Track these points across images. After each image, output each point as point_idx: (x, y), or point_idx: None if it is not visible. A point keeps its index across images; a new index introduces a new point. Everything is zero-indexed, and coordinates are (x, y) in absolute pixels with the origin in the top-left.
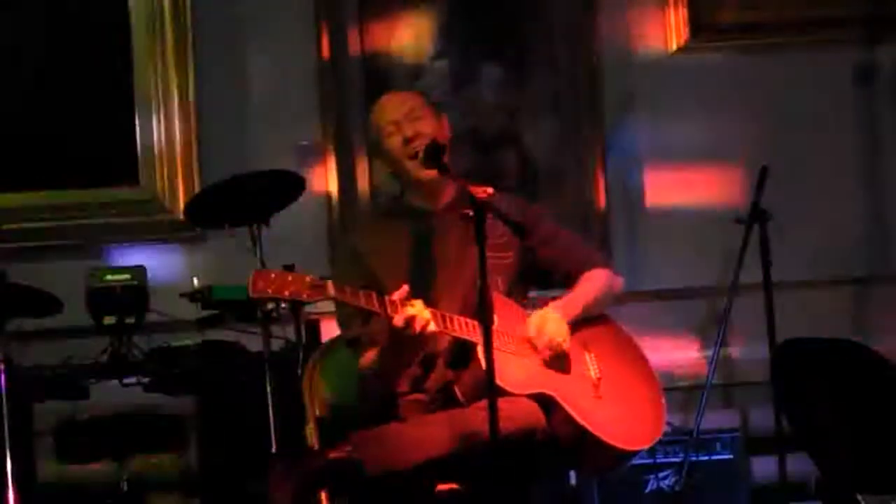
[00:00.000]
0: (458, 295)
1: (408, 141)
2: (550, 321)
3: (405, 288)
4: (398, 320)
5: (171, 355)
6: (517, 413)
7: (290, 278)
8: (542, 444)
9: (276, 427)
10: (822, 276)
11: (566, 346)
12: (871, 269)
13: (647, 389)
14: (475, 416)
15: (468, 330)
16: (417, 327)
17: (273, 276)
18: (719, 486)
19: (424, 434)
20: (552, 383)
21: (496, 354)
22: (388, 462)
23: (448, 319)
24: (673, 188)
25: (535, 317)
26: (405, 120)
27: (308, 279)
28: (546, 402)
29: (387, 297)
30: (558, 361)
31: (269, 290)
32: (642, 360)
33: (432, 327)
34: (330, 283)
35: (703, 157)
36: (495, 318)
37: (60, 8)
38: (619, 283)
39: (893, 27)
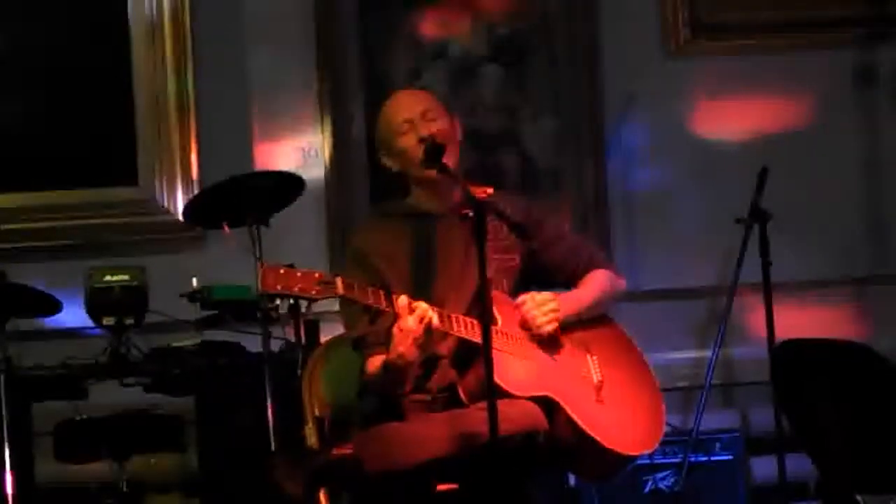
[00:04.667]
0: (463, 296)
1: (422, 140)
2: (540, 297)
3: (403, 298)
4: (404, 316)
5: (171, 355)
6: (518, 414)
7: (298, 274)
8: (543, 446)
9: (276, 427)
10: (822, 276)
11: (545, 329)
12: (871, 269)
13: (647, 394)
14: (476, 417)
15: (471, 330)
16: (422, 323)
17: (282, 271)
18: (719, 486)
19: (425, 433)
20: (554, 386)
21: (499, 355)
22: (389, 461)
23: (452, 319)
24: (673, 188)
25: (529, 294)
26: (420, 119)
27: (317, 275)
28: (548, 405)
29: (394, 295)
30: (561, 364)
31: (279, 286)
32: (643, 364)
33: (435, 321)
34: (339, 280)
35: (703, 157)
36: (498, 318)
37: (60, 8)
38: (622, 283)
39: (893, 27)
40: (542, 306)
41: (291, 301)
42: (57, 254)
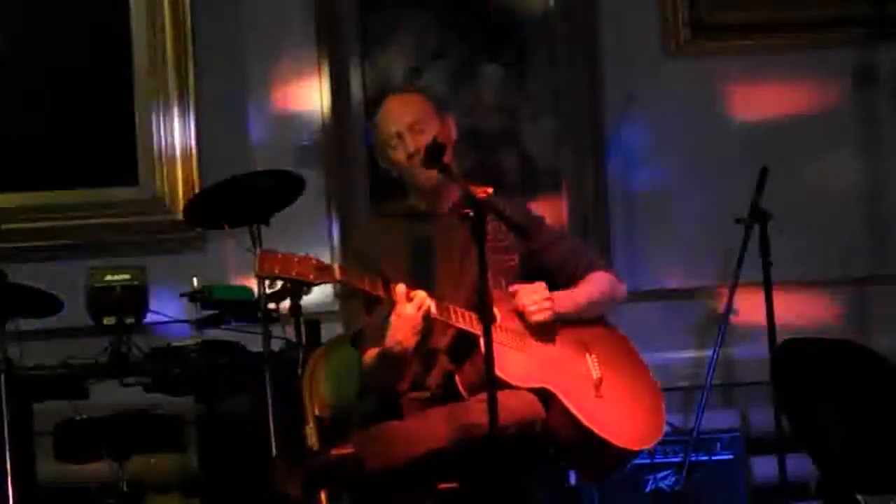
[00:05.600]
0: (462, 296)
1: (411, 156)
2: (533, 288)
3: (403, 286)
4: (402, 303)
5: (171, 355)
6: (517, 404)
7: (296, 259)
8: (541, 436)
9: (276, 427)
10: (822, 276)
11: (537, 318)
12: (871, 269)
13: (647, 393)
14: (475, 408)
15: (469, 322)
16: (421, 310)
17: (279, 256)
18: (719, 486)
19: (425, 427)
20: (552, 379)
21: (497, 348)
22: (389, 457)
23: (450, 310)
24: (672, 188)
25: (521, 285)
26: (408, 132)
27: (314, 261)
28: (546, 398)
29: (391, 283)
30: (560, 359)
31: (276, 270)
32: (642, 365)
33: (433, 310)
34: (336, 266)
35: (703, 157)
36: (497, 313)
37: (60, 8)
38: (623, 288)
39: (893, 27)
40: (534, 294)
41: (289, 284)
42: (57, 254)
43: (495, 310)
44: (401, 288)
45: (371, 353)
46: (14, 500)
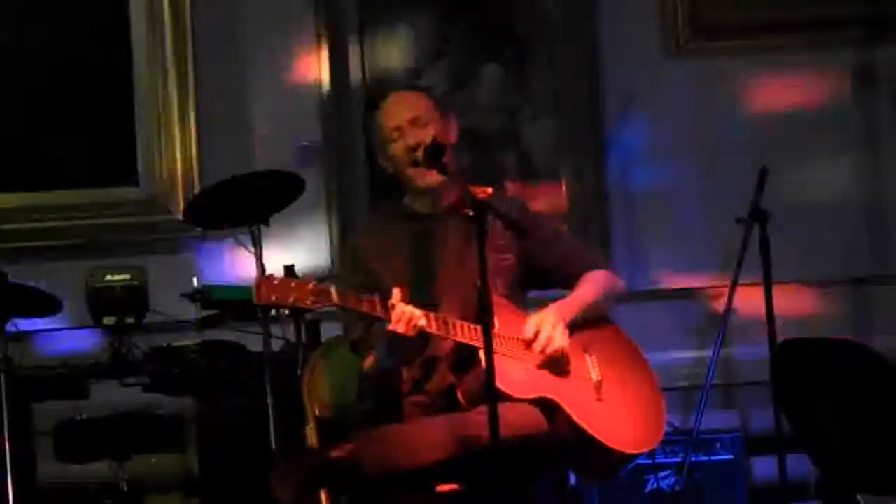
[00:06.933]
0: (459, 296)
1: (411, 149)
2: (547, 324)
3: (396, 292)
4: (395, 323)
5: (171, 355)
6: (517, 418)
7: (293, 285)
8: (542, 448)
9: (276, 427)
10: (822, 276)
11: (564, 349)
12: (871, 269)
13: (647, 392)
14: (475, 420)
15: (469, 334)
16: (411, 328)
17: (276, 283)
18: (719, 486)
19: (425, 436)
20: (553, 386)
21: (497, 358)
22: (389, 462)
23: (449, 324)
24: (672, 188)
25: (534, 319)
26: (409, 126)
27: (311, 286)
28: (548, 406)
29: (390, 302)
30: (559, 364)
31: (274, 298)
32: (642, 362)
33: (421, 323)
34: (334, 290)
35: (703, 157)
36: (495, 321)
37: (60, 8)
38: (621, 284)
39: (893, 27)
40: (551, 330)
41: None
42: (57, 254)
43: (494, 316)
44: (397, 311)
45: (370, 360)
46: (14, 500)
